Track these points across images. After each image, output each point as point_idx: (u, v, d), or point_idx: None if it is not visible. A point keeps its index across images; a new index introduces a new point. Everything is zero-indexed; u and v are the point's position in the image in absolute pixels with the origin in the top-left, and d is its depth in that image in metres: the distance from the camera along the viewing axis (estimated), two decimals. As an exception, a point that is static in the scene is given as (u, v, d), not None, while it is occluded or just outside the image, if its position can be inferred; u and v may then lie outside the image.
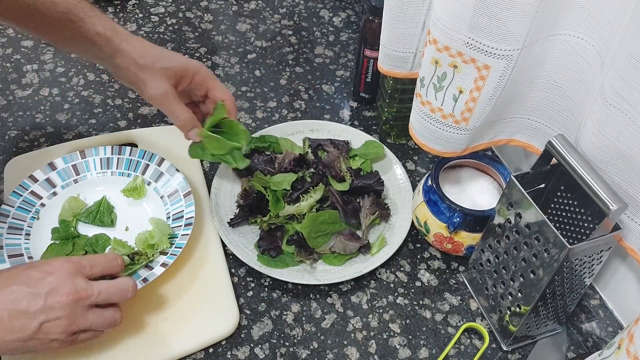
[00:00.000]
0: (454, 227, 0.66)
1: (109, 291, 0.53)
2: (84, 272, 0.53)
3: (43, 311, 0.49)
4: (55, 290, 0.50)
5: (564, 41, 0.55)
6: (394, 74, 0.76)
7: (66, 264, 0.51)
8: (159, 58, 0.65)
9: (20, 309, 0.48)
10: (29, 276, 0.50)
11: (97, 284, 0.53)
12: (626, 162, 0.50)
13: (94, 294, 0.52)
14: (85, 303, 0.51)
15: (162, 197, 0.75)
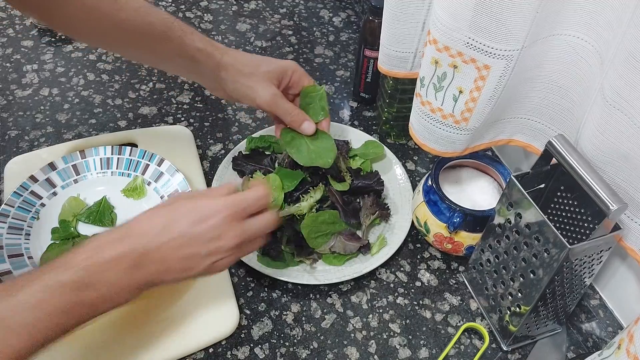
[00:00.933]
0: (454, 227, 0.66)
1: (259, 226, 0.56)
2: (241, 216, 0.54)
3: (210, 255, 0.52)
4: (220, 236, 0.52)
5: (564, 41, 0.55)
6: (394, 74, 0.76)
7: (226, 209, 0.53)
8: (259, 64, 0.68)
9: (191, 253, 0.51)
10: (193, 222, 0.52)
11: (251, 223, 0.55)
12: (626, 162, 0.50)
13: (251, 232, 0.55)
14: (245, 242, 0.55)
15: (162, 197, 0.75)
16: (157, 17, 0.65)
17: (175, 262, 0.51)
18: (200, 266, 0.52)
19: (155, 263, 0.50)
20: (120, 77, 0.97)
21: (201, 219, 0.52)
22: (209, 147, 0.86)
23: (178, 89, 0.95)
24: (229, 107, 0.93)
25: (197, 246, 0.51)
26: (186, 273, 0.52)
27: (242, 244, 0.54)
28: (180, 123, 0.90)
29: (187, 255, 0.51)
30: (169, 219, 0.52)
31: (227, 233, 0.52)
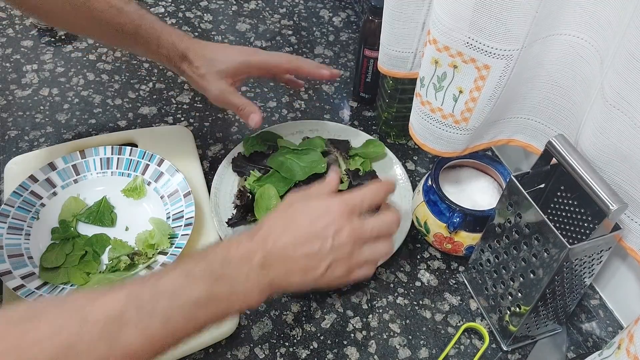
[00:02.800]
0: (453, 227, 0.66)
1: (380, 225, 0.56)
2: (357, 210, 0.55)
3: (331, 251, 0.52)
4: (339, 232, 0.53)
5: (564, 41, 0.55)
6: (394, 74, 0.76)
7: (342, 205, 0.54)
8: (215, 63, 0.71)
9: (313, 251, 0.52)
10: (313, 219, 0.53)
11: (369, 222, 0.56)
12: (626, 162, 0.50)
13: (368, 231, 0.55)
14: (362, 241, 0.55)
15: (162, 197, 0.75)
16: (127, 18, 0.69)
17: (297, 261, 0.52)
18: (321, 265, 0.52)
19: (279, 262, 0.51)
20: (120, 77, 0.97)
21: (318, 217, 0.53)
22: (209, 147, 0.86)
23: (178, 89, 0.95)
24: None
25: (316, 243, 0.52)
26: (309, 275, 0.52)
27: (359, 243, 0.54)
28: (180, 123, 0.89)
29: (308, 253, 0.52)
30: (287, 221, 0.53)
31: (343, 228, 0.53)
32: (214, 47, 0.73)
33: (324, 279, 0.53)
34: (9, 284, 0.62)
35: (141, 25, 0.69)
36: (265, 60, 0.74)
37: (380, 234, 0.57)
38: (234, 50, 0.74)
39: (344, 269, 0.54)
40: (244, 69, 0.73)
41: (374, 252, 0.57)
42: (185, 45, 0.71)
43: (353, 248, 0.54)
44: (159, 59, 0.73)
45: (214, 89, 0.72)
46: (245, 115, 0.72)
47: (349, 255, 0.54)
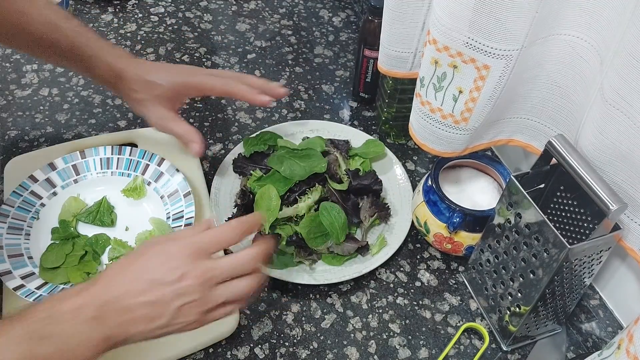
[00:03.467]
0: (453, 227, 0.66)
1: (237, 263, 0.52)
2: (207, 251, 0.52)
3: (177, 297, 0.49)
4: (184, 276, 0.49)
5: (564, 41, 0.55)
6: (394, 74, 0.76)
7: (187, 247, 0.51)
8: (151, 88, 0.68)
9: (154, 298, 0.48)
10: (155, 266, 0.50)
11: (222, 261, 0.52)
12: (626, 162, 0.50)
13: (218, 272, 0.51)
14: (213, 282, 0.51)
15: (162, 197, 0.75)
16: (62, 35, 0.67)
17: (139, 310, 0.48)
18: (166, 312, 0.48)
19: (118, 313, 0.47)
20: (120, 77, 0.97)
21: (161, 262, 0.50)
22: (209, 147, 0.86)
23: (178, 89, 0.95)
24: (228, 107, 0.93)
25: (157, 290, 0.48)
26: (153, 323, 0.48)
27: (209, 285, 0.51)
28: (180, 123, 0.89)
29: (151, 301, 0.48)
30: (127, 270, 0.50)
31: (190, 272, 0.49)
32: (151, 67, 0.70)
33: (175, 326, 0.50)
34: (9, 284, 0.62)
35: (76, 43, 0.67)
36: (201, 83, 0.70)
37: (234, 274, 0.52)
38: (172, 71, 0.71)
39: (195, 313, 0.50)
40: (182, 91, 0.70)
41: (233, 290, 0.52)
42: (122, 66, 0.69)
43: (203, 291, 0.50)
44: (94, 79, 0.71)
45: (153, 116, 0.69)
46: (185, 143, 0.70)
47: (200, 298, 0.50)
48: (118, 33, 1.05)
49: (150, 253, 0.51)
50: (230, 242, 0.54)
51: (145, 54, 1.01)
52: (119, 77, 0.69)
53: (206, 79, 0.71)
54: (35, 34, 0.66)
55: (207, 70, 0.73)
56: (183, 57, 1.01)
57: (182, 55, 1.01)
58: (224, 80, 0.71)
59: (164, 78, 0.69)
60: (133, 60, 0.70)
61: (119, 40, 1.04)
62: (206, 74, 0.72)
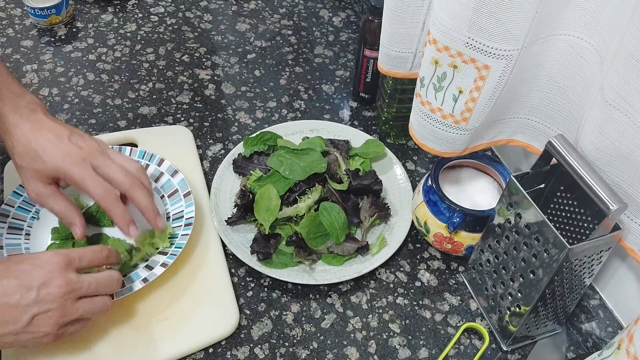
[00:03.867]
0: (453, 227, 0.66)
1: (98, 282, 0.55)
2: (73, 264, 0.54)
3: (35, 304, 0.49)
4: (47, 283, 0.50)
5: (564, 41, 0.55)
6: (394, 74, 0.76)
7: (56, 257, 0.52)
8: (34, 157, 0.60)
9: (11, 302, 0.49)
10: (19, 270, 0.51)
11: (86, 277, 0.54)
12: (626, 162, 0.50)
13: (84, 286, 0.53)
14: (76, 295, 0.53)
15: (162, 197, 0.75)
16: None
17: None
18: (21, 318, 0.49)
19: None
20: (119, 77, 0.97)
21: (28, 269, 0.50)
22: (209, 147, 0.86)
23: (178, 89, 0.95)
24: (228, 107, 0.93)
25: (16, 293, 0.49)
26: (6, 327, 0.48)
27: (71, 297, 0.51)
28: (180, 123, 0.89)
29: (9, 304, 0.48)
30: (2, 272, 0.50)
31: (54, 280, 0.50)
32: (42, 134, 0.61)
33: (27, 335, 0.50)
34: (9, 284, 0.62)
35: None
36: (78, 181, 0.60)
37: (98, 291, 0.55)
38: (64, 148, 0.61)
39: (52, 324, 0.50)
40: (61, 176, 0.61)
41: (91, 307, 0.54)
42: (15, 121, 0.61)
43: (64, 302, 0.51)
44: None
45: (30, 189, 0.62)
46: (66, 224, 0.64)
47: (59, 309, 0.51)
48: (118, 33, 1.05)
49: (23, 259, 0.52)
50: (97, 262, 0.57)
51: (145, 54, 1.01)
52: (8, 133, 0.61)
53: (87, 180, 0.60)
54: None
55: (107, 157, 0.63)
56: (183, 57, 1.01)
57: (182, 55, 1.01)
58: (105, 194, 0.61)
59: (49, 153, 0.60)
60: (29, 117, 0.62)
61: (119, 40, 1.04)
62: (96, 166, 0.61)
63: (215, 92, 0.95)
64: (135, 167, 0.64)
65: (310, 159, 0.76)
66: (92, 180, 0.60)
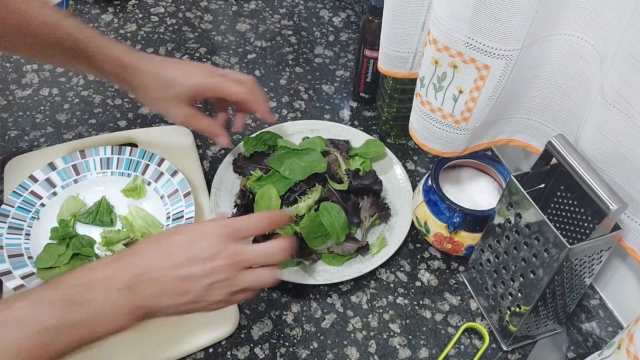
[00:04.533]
0: (454, 227, 0.66)
1: (266, 253, 0.54)
2: (239, 235, 0.53)
3: (206, 276, 0.50)
4: (215, 255, 0.51)
5: (564, 41, 0.55)
6: (394, 74, 0.76)
7: (222, 228, 0.52)
8: (170, 86, 0.67)
9: (184, 274, 0.49)
10: (186, 242, 0.51)
11: (252, 247, 0.54)
12: (626, 162, 0.50)
13: (250, 257, 0.53)
14: (243, 266, 0.52)
15: (162, 197, 0.75)
16: (64, 32, 0.65)
17: (171, 284, 0.49)
18: (196, 288, 0.50)
19: (149, 284, 0.48)
20: (120, 77, 0.97)
21: (195, 240, 0.51)
22: (209, 147, 0.86)
23: (178, 89, 0.95)
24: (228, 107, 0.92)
25: (193, 265, 0.50)
26: (182, 298, 0.50)
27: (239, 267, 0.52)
28: (180, 123, 0.89)
29: (183, 276, 0.49)
30: (162, 245, 0.51)
31: (222, 252, 0.51)
32: (167, 65, 0.68)
33: (201, 304, 0.51)
34: (9, 284, 0.62)
35: (80, 39, 0.65)
36: (219, 86, 0.69)
37: (264, 261, 0.54)
38: (187, 69, 0.69)
39: (223, 294, 0.52)
40: (200, 90, 0.69)
41: (257, 278, 0.54)
42: (132, 60, 0.66)
43: (232, 272, 0.51)
44: (102, 74, 0.68)
45: (176, 115, 0.69)
46: (212, 137, 0.71)
47: (228, 279, 0.51)
48: (118, 33, 1.05)
49: (185, 230, 0.53)
50: (260, 230, 0.56)
51: (145, 54, 1.01)
52: (131, 73, 0.67)
53: (226, 83, 0.69)
54: (37, 34, 0.64)
55: (220, 71, 0.71)
56: (183, 57, 1.01)
57: (182, 55, 1.01)
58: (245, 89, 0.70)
59: (181, 77, 0.67)
60: (142, 55, 0.68)
61: (119, 40, 1.04)
62: (220, 75, 0.70)
63: (216, 92, 0.95)
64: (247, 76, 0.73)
65: (311, 159, 0.76)
66: (229, 84, 0.69)
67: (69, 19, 0.66)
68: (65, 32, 0.65)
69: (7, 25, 0.63)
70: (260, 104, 0.71)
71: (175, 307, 0.50)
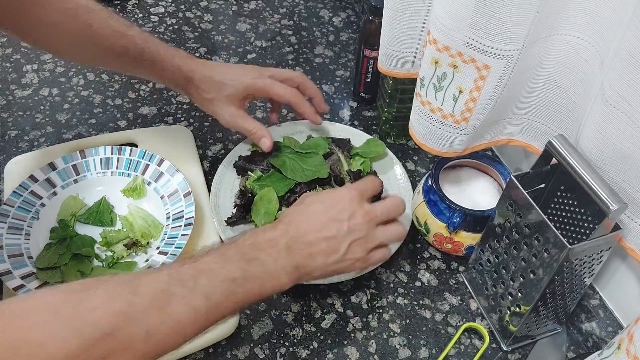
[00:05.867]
0: (454, 227, 0.66)
1: (389, 207, 0.61)
2: (365, 196, 0.61)
3: (348, 234, 0.57)
4: (353, 215, 0.58)
5: (564, 41, 0.55)
6: (394, 74, 0.76)
7: (351, 191, 0.60)
8: (222, 87, 0.72)
9: (331, 234, 0.56)
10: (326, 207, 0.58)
11: (378, 204, 0.61)
12: (626, 162, 0.50)
13: (378, 213, 0.60)
14: (375, 222, 0.60)
15: (162, 197, 0.75)
16: (131, 42, 0.69)
17: (318, 245, 0.56)
18: (341, 247, 0.57)
19: (302, 247, 0.55)
20: (120, 77, 0.97)
21: (332, 204, 0.58)
22: (209, 147, 0.86)
23: (178, 89, 0.95)
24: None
25: (333, 227, 0.57)
26: (330, 257, 0.56)
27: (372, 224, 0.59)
28: (180, 123, 0.90)
29: (327, 237, 0.56)
30: (304, 212, 0.58)
31: (357, 212, 0.58)
32: (220, 68, 0.74)
33: (345, 262, 0.58)
34: (9, 284, 0.62)
35: (145, 48, 0.70)
36: (268, 88, 0.74)
37: (389, 216, 0.61)
38: (238, 71, 0.74)
39: (362, 250, 0.58)
40: (250, 91, 0.74)
41: (387, 233, 0.61)
42: (190, 67, 0.72)
43: (368, 229, 0.58)
44: (163, 81, 0.75)
45: (224, 114, 0.73)
46: (257, 138, 0.74)
47: (365, 236, 0.58)
48: (118, 33, 1.05)
49: (322, 198, 0.60)
50: (377, 191, 0.65)
51: (145, 54, 1.01)
52: (188, 78, 0.72)
53: (275, 85, 0.74)
54: (103, 44, 0.68)
55: (271, 70, 0.76)
56: (183, 57, 1.01)
57: (182, 55, 1.01)
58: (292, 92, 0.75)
59: (233, 79, 0.73)
60: (200, 61, 0.74)
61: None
62: (270, 75, 0.75)
63: (216, 92, 0.95)
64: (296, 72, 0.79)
65: (314, 162, 0.77)
66: (279, 86, 0.74)
67: (133, 28, 0.70)
68: (132, 42, 0.69)
69: (75, 36, 0.67)
70: (305, 106, 0.77)
71: (325, 267, 0.57)
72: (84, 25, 0.66)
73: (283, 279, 0.54)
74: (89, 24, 0.67)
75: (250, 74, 0.74)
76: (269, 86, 0.74)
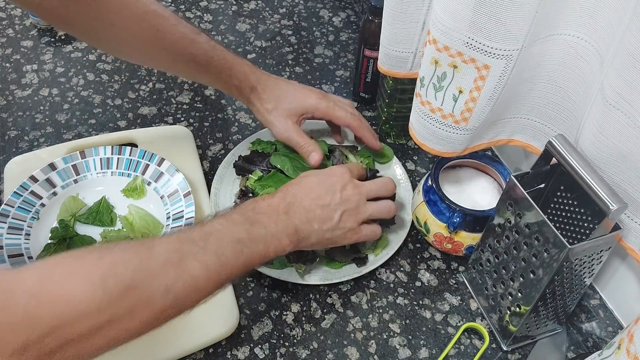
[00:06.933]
0: (453, 227, 0.66)
1: (377, 186, 0.67)
2: (353, 174, 0.66)
3: (341, 204, 0.62)
4: (344, 187, 0.63)
5: (564, 41, 0.55)
6: (394, 74, 0.76)
7: (342, 168, 0.66)
8: (282, 100, 0.75)
9: (325, 203, 0.61)
10: (320, 180, 0.63)
11: (369, 182, 0.67)
12: (626, 162, 0.50)
13: (367, 188, 0.65)
14: (365, 196, 0.65)
15: (162, 197, 0.75)
16: (199, 49, 0.70)
17: (314, 211, 0.60)
18: (334, 216, 0.61)
19: (302, 210, 0.60)
20: (119, 77, 0.97)
21: (325, 178, 0.64)
22: (209, 147, 0.86)
23: (178, 89, 0.95)
24: (228, 107, 0.93)
25: (327, 196, 0.61)
26: (326, 224, 0.61)
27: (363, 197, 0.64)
28: (180, 123, 0.90)
29: (322, 204, 0.61)
30: (301, 185, 0.63)
31: (349, 183, 0.64)
32: (283, 85, 0.76)
33: (338, 231, 0.62)
34: (9, 284, 0.62)
35: (213, 55, 0.71)
36: (328, 113, 0.77)
37: (378, 192, 0.66)
38: (302, 92, 0.77)
39: (353, 221, 0.62)
40: (309, 111, 0.77)
41: (377, 207, 0.65)
42: (256, 77, 0.75)
43: (358, 200, 0.63)
44: (228, 88, 0.75)
45: (279, 126, 0.75)
46: (306, 153, 0.75)
47: (356, 207, 0.63)
48: (118, 33, 1.05)
49: (315, 172, 0.66)
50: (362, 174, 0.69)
51: (145, 54, 1.01)
52: (253, 87, 0.75)
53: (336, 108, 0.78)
54: (171, 50, 0.69)
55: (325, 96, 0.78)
56: (183, 57, 1.01)
57: (182, 55, 1.01)
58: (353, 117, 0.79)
59: (298, 96, 0.76)
60: (265, 74, 0.76)
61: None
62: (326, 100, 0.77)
63: (216, 92, 0.95)
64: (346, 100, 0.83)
65: None
66: (339, 109, 0.78)
67: (201, 35, 0.70)
68: (200, 49, 0.70)
69: (143, 41, 0.68)
70: (365, 131, 0.79)
71: (321, 234, 0.61)
72: (153, 30, 0.67)
73: (284, 240, 0.57)
74: (158, 29, 0.67)
75: (314, 94, 0.77)
76: (331, 109, 0.77)
